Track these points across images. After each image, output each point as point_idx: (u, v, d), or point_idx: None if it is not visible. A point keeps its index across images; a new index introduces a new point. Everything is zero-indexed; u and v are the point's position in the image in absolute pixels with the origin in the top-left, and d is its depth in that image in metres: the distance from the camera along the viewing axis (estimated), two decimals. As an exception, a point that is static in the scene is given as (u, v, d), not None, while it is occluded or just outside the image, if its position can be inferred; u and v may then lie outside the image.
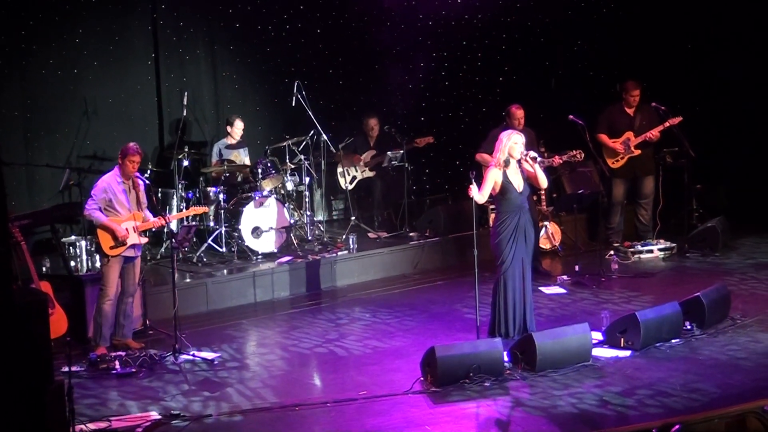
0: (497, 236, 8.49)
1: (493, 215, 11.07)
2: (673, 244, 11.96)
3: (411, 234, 12.08)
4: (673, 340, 8.59)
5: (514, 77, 13.86)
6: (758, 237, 12.50)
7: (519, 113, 10.64)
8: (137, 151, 8.85)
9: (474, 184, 8.21)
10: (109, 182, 8.87)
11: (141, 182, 9.02)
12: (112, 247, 8.82)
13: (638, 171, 11.87)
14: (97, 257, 9.51)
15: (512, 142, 8.37)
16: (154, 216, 9.19)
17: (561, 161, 10.86)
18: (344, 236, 11.86)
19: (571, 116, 11.10)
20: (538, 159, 8.48)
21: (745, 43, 13.31)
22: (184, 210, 10.43)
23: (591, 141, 11.24)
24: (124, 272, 8.96)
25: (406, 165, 12.23)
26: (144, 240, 9.13)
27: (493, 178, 8.37)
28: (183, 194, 11.37)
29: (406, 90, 13.31)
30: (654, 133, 11.52)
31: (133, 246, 8.93)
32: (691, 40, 13.73)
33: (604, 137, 11.69)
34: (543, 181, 8.54)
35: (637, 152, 11.77)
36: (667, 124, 11.43)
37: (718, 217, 12.13)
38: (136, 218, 8.96)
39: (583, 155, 10.76)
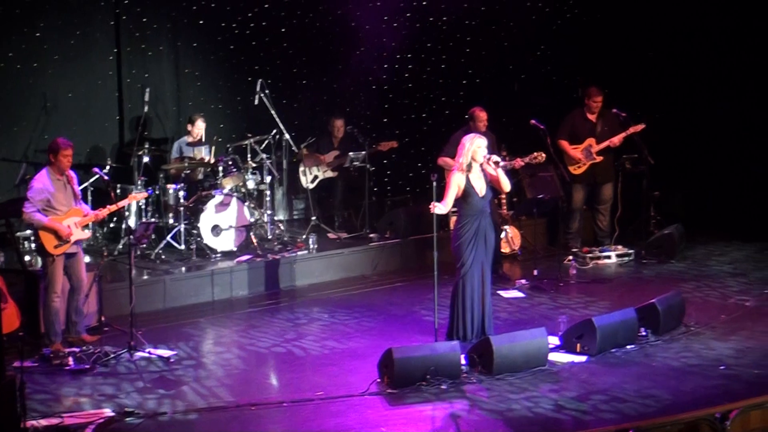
0: (458, 239, 8.48)
1: (454, 218, 10.81)
2: (631, 251, 11.94)
3: (371, 235, 12.03)
4: (628, 346, 8.58)
5: (477, 80, 13.86)
6: (713, 245, 12.51)
7: (482, 116, 10.60)
8: (69, 144, 8.65)
9: (435, 202, 8.22)
10: (44, 182, 8.66)
11: (74, 175, 8.86)
12: (56, 246, 8.67)
13: (598, 177, 11.85)
14: (39, 259, 9.28)
15: (475, 146, 8.36)
16: (93, 209, 9.03)
17: (523, 163, 10.71)
18: (304, 236, 11.80)
19: (532, 120, 11.00)
20: (501, 163, 8.48)
21: (705, 52, 13.40)
22: (131, 202, 10.33)
23: (552, 145, 11.25)
24: (68, 269, 8.82)
25: (368, 166, 12.18)
26: (87, 234, 8.98)
27: (456, 183, 8.36)
28: (143, 191, 11.12)
29: (370, 91, 13.30)
30: (615, 141, 11.54)
31: (75, 242, 8.76)
32: (652, 47, 13.76)
33: (565, 144, 11.68)
34: (506, 185, 8.53)
35: (599, 159, 11.78)
36: (630, 131, 11.47)
37: (675, 224, 12.12)
38: (76, 214, 8.81)
39: (544, 157, 10.59)
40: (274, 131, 11.98)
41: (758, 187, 13.01)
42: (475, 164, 8.34)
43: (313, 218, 12.23)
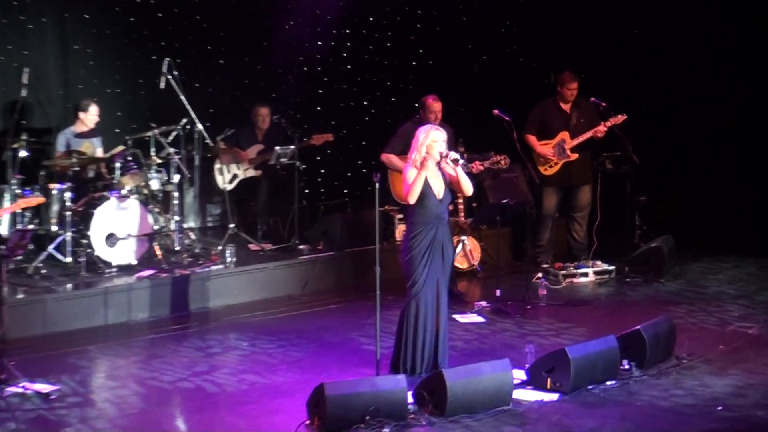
0: (409, 252, 8.47)
1: (401, 227, 11.31)
2: (612, 267, 12.09)
3: (301, 247, 12.07)
4: (608, 382, 8.59)
5: (430, 62, 13.95)
6: (710, 260, 12.68)
7: (436, 106, 10.66)
8: None
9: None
10: None
11: None
12: None
13: (573, 179, 11.98)
14: None
15: (431, 140, 8.37)
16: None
17: (482, 168, 10.88)
18: (220, 247, 11.77)
19: (496, 111, 11.07)
20: (461, 161, 8.49)
21: (698, 33, 13.69)
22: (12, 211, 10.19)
23: (519, 141, 11.34)
24: None
25: (298, 164, 12.26)
26: None
27: (414, 176, 8.36)
28: (19, 191, 11.08)
29: (301, 74, 13.38)
30: (598, 133, 11.63)
31: None
32: (637, 25, 14.04)
33: (532, 139, 11.78)
34: (467, 188, 8.56)
35: (574, 156, 11.91)
36: (610, 123, 11.58)
37: (665, 236, 12.24)
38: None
39: (508, 162, 10.81)
40: (184, 121, 11.90)
41: (762, 192, 13.38)
42: (431, 161, 8.34)
43: (231, 226, 12.18)
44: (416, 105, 10.95)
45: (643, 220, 12.59)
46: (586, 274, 12.01)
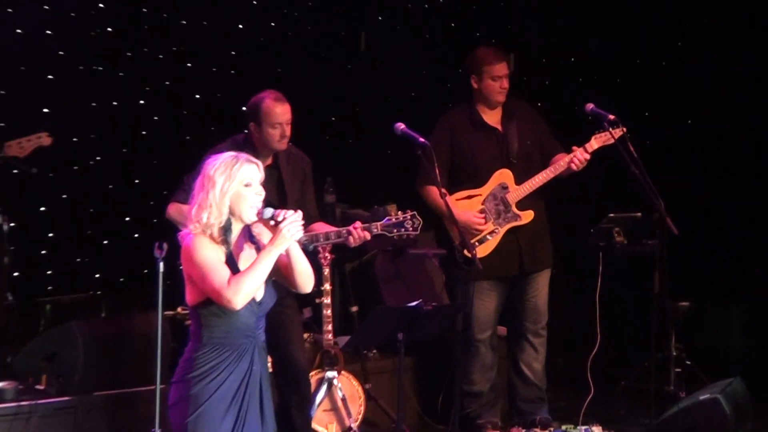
0: (189, 405, 6.11)
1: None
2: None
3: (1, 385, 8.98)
4: None
5: (261, 39, 10.91)
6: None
7: (279, 110, 8.04)
8: None
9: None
10: None
11: None
12: None
13: (525, 261, 8.99)
14: None
15: (238, 183, 6.08)
16: None
17: (376, 232, 7.88)
18: None
19: (400, 126, 8.04)
20: (302, 238, 6.15)
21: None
22: None
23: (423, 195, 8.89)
24: None
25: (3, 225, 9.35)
26: None
27: (213, 257, 6.07)
28: None
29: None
30: (575, 164, 8.61)
31: None
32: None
33: (434, 194, 8.74)
34: (305, 279, 6.31)
35: (526, 217, 8.95)
36: (595, 144, 8.66)
37: (727, 380, 8.55)
38: None
39: (419, 225, 7.69)
40: None
41: None
42: (236, 225, 6.13)
43: None
44: (244, 110, 8.25)
45: (685, 346, 9.56)
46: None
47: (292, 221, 5.92)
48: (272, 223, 5.97)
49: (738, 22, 11.30)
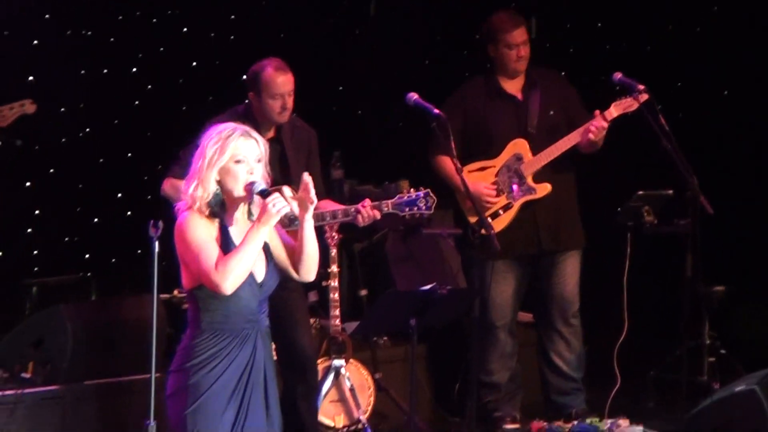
0: (188, 395, 5.82)
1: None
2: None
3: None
4: None
5: (264, 2, 10.56)
6: None
7: (282, 79, 7.83)
8: None
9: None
10: None
11: None
12: None
13: (544, 239, 8.63)
14: None
15: (229, 157, 5.77)
16: None
17: (386, 210, 7.53)
18: None
19: (413, 96, 7.71)
20: (311, 207, 5.88)
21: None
22: None
23: (437, 166, 8.70)
24: None
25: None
26: None
27: (204, 236, 5.82)
28: None
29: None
30: (592, 133, 8.37)
31: None
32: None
33: (448, 165, 8.41)
34: (310, 265, 6.02)
35: (542, 190, 8.60)
36: (615, 112, 8.35)
37: (765, 369, 8.13)
38: None
39: (434, 204, 7.45)
40: None
41: None
42: (230, 201, 5.84)
43: None
44: (244, 78, 8.07)
45: (719, 333, 9.14)
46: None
47: (276, 197, 5.67)
48: (257, 199, 5.80)
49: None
